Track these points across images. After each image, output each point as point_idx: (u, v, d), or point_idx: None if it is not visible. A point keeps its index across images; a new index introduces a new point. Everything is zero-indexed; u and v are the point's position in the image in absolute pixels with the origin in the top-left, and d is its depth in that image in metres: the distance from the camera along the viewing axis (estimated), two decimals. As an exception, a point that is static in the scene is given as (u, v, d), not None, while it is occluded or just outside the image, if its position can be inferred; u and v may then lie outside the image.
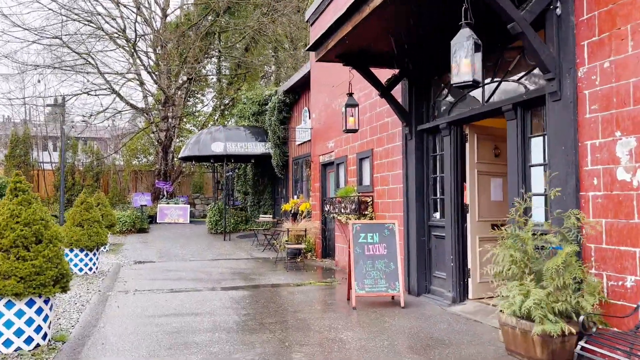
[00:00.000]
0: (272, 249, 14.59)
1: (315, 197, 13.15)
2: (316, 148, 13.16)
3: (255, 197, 20.16)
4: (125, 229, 19.73)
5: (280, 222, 14.36)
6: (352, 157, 10.67)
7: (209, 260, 12.74)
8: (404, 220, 8.30)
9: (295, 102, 16.56)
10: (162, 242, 16.92)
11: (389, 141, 8.97)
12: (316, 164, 13.13)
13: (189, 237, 18.19)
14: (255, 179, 20.21)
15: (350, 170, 10.78)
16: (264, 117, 18.12)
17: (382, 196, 9.26)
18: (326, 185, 12.80)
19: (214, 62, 32.82)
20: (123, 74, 25.16)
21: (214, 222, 19.07)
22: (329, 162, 12.29)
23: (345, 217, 10.39)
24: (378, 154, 9.40)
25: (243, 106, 19.56)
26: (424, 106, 8.04)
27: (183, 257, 13.27)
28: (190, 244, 16.17)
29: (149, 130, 28.97)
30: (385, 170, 9.13)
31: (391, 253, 7.39)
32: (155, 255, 13.62)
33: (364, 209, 9.57)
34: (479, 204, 7.33)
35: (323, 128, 12.55)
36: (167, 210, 24.68)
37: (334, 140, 11.75)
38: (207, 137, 17.47)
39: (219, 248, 15.21)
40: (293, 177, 16.93)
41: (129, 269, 11.18)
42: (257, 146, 17.52)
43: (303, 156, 15.79)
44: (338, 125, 11.28)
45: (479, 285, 7.23)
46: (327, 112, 12.20)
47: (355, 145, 10.47)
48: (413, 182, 8.03)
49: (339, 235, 11.38)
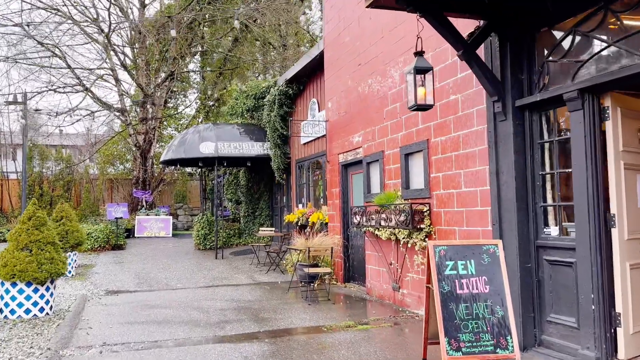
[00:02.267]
0: (276, 269, 11.94)
1: (334, 205, 10.57)
2: (334, 145, 10.60)
3: (249, 206, 17.48)
4: (97, 245, 16.87)
5: (288, 236, 11.77)
6: (391, 152, 8.14)
7: (201, 287, 10.05)
8: (492, 237, 5.78)
9: (299, 94, 14.00)
10: (141, 261, 14.14)
11: (458, 127, 6.45)
12: (334, 165, 10.56)
13: (174, 255, 15.43)
14: (250, 186, 17.54)
15: (389, 170, 8.24)
16: (261, 114, 15.50)
17: (446, 203, 6.73)
18: (348, 191, 10.24)
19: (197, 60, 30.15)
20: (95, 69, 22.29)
21: (203, 236, 16.34)
22: (354, 162, 9.74)
23: (388, 232, 7.82)
24: (439, 145, 6.88)
25: (235, 102, 16.91)
26: (524, 72, 5.55)
27: (168, 283, 10.55)
28: (176, 264, 13.43)
29: (126, 133, 26.08)
30: (451, 167, 6.61)
31: (496, 290, 4.84)
32: (133, 281, 10.87)
33: (419, 221, 7.02)
34: (628, 213, 4.84)
35: (344, 120, 10.01)
36: (146, 223, 21.86)
37: (362, 134, 9.21)
38: (194, 137, 14.80)
39: (211, 269, 12.50)
40: (297, 183, 14.33)
41: (97, 304, 8.44)
42: (253, 147, 14.89)
43: (310, 157, 13.21)
44: (369, 112, 8.74)
45: (635, 339, 4.73)
46: (351, 99, 9.66)
47: (398, 137, 7.94)
48: (510, 182, 5.51)
49: (372, 254, 8.81)
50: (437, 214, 6.91)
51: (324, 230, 11.23)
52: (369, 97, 8.89)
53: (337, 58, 10.33)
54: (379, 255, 8.49)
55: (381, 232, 7.98)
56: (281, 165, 14.57)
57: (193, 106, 29.92)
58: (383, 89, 8.39)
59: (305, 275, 9.79)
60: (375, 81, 8.68)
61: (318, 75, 12.62)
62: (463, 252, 4.93)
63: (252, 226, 17.30)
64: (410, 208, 6.99)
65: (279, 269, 11.91)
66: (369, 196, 8.89)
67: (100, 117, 41.09)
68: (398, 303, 7.91)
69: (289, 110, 14.47)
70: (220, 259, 14.27)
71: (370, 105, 8.82)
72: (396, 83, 7.99)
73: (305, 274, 9.78)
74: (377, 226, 7.99)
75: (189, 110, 30.14)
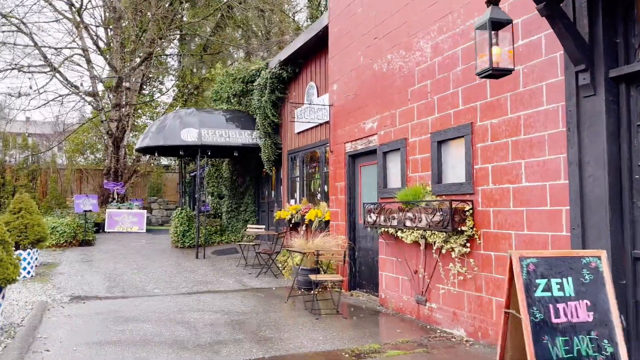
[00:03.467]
0: (268, 272, 10.58)
1: (338, 201, 9.26)
2: (339, 133, 9.30)
3: (233, 201, 16.04)
4: (63, 241, 15.23)
5: (283, 235, 10.41)
6: (418, 140, 6.87)
7: (184, 293, 8.64)
8: (571, 246, 4.55)
9: (294, 78, 12.64)
10: (113, 260, 12.61)
11: (518, 106, 5.21)
12: (339, 156, 9.26)
13: (149, 253, 13.92)
14: (234, 179, 16.10)
15: (413, 161, 6.97)
16: (250, 99, 14.09)
17: (497, 201, 5.49)
18: (356, 186, 8.95)
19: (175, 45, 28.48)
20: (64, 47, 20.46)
21: (181, 232, 14.83)
22: (364, 152, 8.45)
23: (415, 235, 6.54)
24: (488, 130, 5.64)
25: (220, 86, 15.43)
26: (619, 34, 4.33)
27: (144, 288, 9.11)
28: (152, 264, 11.95)
29: (98, 121, 24.30)
30: (506, 156, 5.37)
31: (601, 319, 3.60)
32: (103, 285, 9.39)
33: (460, 222, 5.77)
34: None
35: (353, 104, 8.71)
36: (118, 217, 20.22)
37: (377, 119, 7.92)
38: (175, 123, 13.30)
39: (192, 271, 11.07)
40: (289, 176, 12.98)
41: (59, 315, 6.97)
42: (241, 135, 13.47)
43: (306, 148, 11.88)
44: (387, 94, 7.46)
45: None
46: (364, 79, 8.37)
47: (428, 122, 6.67)
48: (599, 175, 4.29)
49: (388, 260, 7.54)
50: (484, 214, 5.67)
51: (323, 229, 9.93)
52: (388, 76, 7.60)
53: (346, 32, 9.01)
54: (398, 261, 7.22)
55: (405, 234, 6.70)
56: (272, 157, 13.20)
57: (170, 94, 28.25)
58: (408, 65, 7.12)
59: (307, 281, 8.48)
60: (397, 56, 7.40)
61: (318, 55, 11.29)
62: (557, 266, 3.67)
63: (236, 223, 15.88)
64: (450, 206, 5.72)
65: (270, 272, 10.55)
66: (385, 192, 7.61)
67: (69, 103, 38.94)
68: (424, 319, 6.66)
69: (282, 95, 13.11)
70: (201, 259, 12.83)
71: (390, 85, 7.54)
72: (426, 56, 6.71)
73: (306, 280, 8.47)
74: (399, 227, 6.71)
75: (166, 98, 28.47)
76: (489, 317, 5.55)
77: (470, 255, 5.84)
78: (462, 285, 5.96)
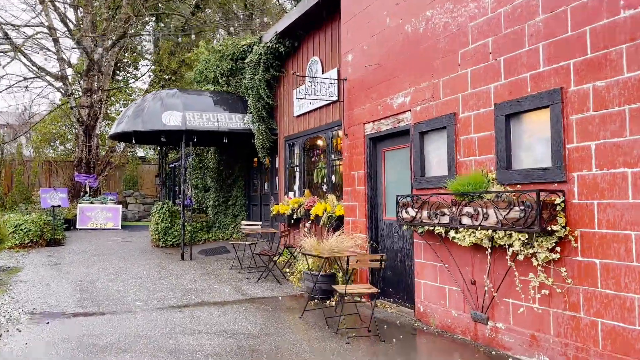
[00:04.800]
0: (268, 275, 9.08)
1: (356, 194, 7.80)
2: (355, 113, 7.83)
3: (220, 194, 14.45)
4: (28, 241, 13.45)
5: (286, 233, 8.90)
6: (474, 114, 5.45)
7: (172, 307, 7.10)
8: None
9: (292, 53, 11.11)
10: (85, 263, 10.94)
11: None
12: (357, 139, 7.79)
13: (127, 254, 12.27)
14: (221, 169, 14.51)
15: (467, 141, 5.55)
16: (241, 79, 12.50)
17: (604, 191, 4.09)
18: (379, 174, 7.50)
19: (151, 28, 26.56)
20: (27, 24, 18.47)
21: (163, 230, 13.20)
22: (391, 133, 6.99)
23: (477, 235, 5.11)
24: (589, 96, 4.23)
25: (205, 66, 13.78)
26: None
27: (123, 300, 7.53)
28: (131, 268, 10.34)
29: (67, 108, 22.33)
30: (622, 130, 3.97)
31: None
32: (73, 296, 7.78)
33: (549, 219, 4.36)
34: None
35: (376, 75, 7.24)
36: (90, 212, 18.43)
37: (410, 92, 6.47)
38: (155, 105, 11.63)
39: (179, 275, 9.51)
40: (286, 165, 11.48)
41: (12, 345, 5.38)
42: (231, 119, 11.88)
43: (308, 132, 10.40)
44: (425, 60, 6.02)
45: None
46: (391, 45, 6.90)
47: (489, 90, 5.24)
48: None
49: (429, 265, 6.12)
50: (582, 209, 4.27)
51: (333, 226, 8.48)
52: (427, 38, 6.14)
53: (365, -9, 7.52)
54: (445, 267, 5.81)
55: (460, 235, 5.28)
56: (266, 144, 11.66)
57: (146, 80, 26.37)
58: (457, 21, 5.67)
59: (322, 290, 7.04)
60: (440, 12, 5.94)
61: (323, 25, 9.79)
62: None
63: (224, 218, 14.31)
64: (538, 198, 4.31)
65: (272, 276, 9.06)
66: (424, 181, 6.18)
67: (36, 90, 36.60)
68: (484, 341, 5.26)
69: (278, 74, 11.57)
70: (188, 260, 11.25)
71: (430, 48, 6.09)
72: (485, 7, 5.28)
73: (321, 289, 7.01)
74: (453, 225, 5.29)
75: (142, 84, 26.60)
76: (591, 344, 4.18)
77: (560, 262, 4.45)
78: (546, 301, 4.57)
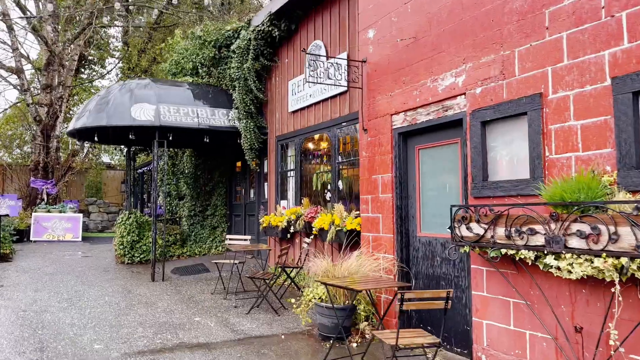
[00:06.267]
0: (262, 301, 7.36)
1: (378, 203, 6.20)
2: (378, 101, 6.26)
3: (197, 202, 12.66)
4: (-32, 256, 11.41)
5: (285, 251, 7.20)
6: (572, 94, 3.92)
7: (141, 353, 5.31)
8: None
9: (287, 38, 9.50)
10: (34, 285, 9.01)
11: None
12: (382, 134, 6.21)
13: (86, 273, 10.36)
14: (198, 174, 12.72)
15: (562, 131, 4.01)
16: (224, 71, 10.79)
17: None
18: (410, 179, 5.92)
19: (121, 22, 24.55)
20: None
21: (129, 243, 11.31)
22: (432, 125, 5.43)
23: (596, 265, 3.54)
24: None
25: (183, 55, 12.03)
26: None
27: (76, 342, 5.71)
28: (90, 292, 8.47)
29: (24, 106, 20.17)
30: None
31: None
32: (9, 337, 5.92)
33: None
34: None
35: (410, 52, 5.69)
36: (47, 222, 16.34)
37: (464, 69, 4.93)
38: (123, 97, 9.83)
39: (150, 303, 7.71)
40: (278, 169, 9.83)
41: None
42: (214, 115, 10.16)
43: (305, 131, 8.79)
44: (485, 25, 4.47)
45: None
46: (432, 11, 5.36)
47: (600, 60, 3.72)
48: None
49: (493, 300, 4.54)
50: None
51: (343, 242, 6.86)
52: (482, 3, 4.62)
53: (395, -52, 5.98)
54: (525, 305, 4.24)
55: (566, 263, 3.71)
56: (255, 144, 9.99)
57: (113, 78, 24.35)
58: (547, -31, 4.17)
59: (337, 327, 5.40)
60: (516, -40, 4.43)
61: (328, 3, 8.23)
62: None
63: (201, 230, 12.51)
64: None
65: (266, 303, 7.35)
66: (489, 186, 4.62)
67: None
68: (596, 414, 3.71)
69: (269, 63, 9.95)
70: (159, 282, 9.43)
71: (496, 10, 4.56)
72: (599, -54, 3.78)
73: (335, 325, 5.37)
74: (552, 249, 3.73)
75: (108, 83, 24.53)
76: None
77: None
78: None
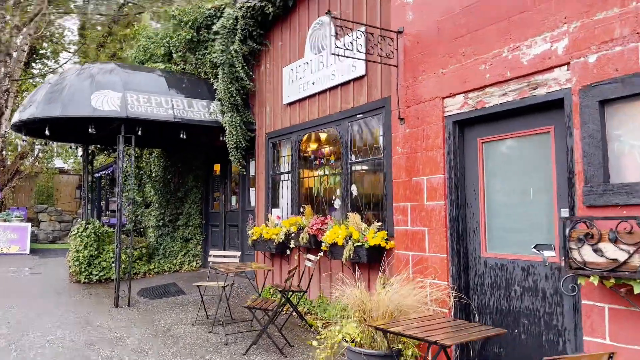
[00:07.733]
0: (264, 339, 5.83)
1: (426, 213, 4.79)
2: (422, 82, 4.88)
3: (166, 210, 10.97)
4: None
5: (292, 274, 5.69)
6: None
7: None
8: None
9: (282, 17, 8.06)
10: (-36, 314, 7.19)
11: None
12: (428, 124, 4.82)
13: (34, 295, 8.55)
14: (168, 177, 11.04)
15: None
16: (203, 56, 9.21)
17: None
18: (470, 181, 4.54)
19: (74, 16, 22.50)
20: None
21: (86, 259, 9.50)
22: (512, 110, 4.09)
23: None
24: None
25: (152, 40, 10.36)
26: None
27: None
28: (37, 323, 6.73)
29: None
30: None
31: None
32: None
33: None
34: None
35: (475, 15, 4.36)
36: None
37: (565, 31, 3.61)
38: (81, 83, 8.12)
39: (116, 341, 6.05)
40: (269, 172, 8.33)
41: None
42: (192, 107, 8.57)
43: (305, 126, 7.36)
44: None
45: None
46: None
47: None
48: None
49: (626, 350, 3.20)
50: None
51: (364, 262, 5.44)
52: None
53: None
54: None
55: None
56: (242, 142, 8.45)
57: (68, 74, 22.22)
58: None
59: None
60: None
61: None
62: None
63: (171, 243, 10.81)
64: None
65: (268, 338, 5.82)
66: (616, 191, 3.29)
67: None
68: None
69: (259, 47, 8.48)
70: (125, 307, 7.74)
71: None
72: None
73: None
74: None
75: (62, 80, 22.39)
76: None
77: None
78: None
